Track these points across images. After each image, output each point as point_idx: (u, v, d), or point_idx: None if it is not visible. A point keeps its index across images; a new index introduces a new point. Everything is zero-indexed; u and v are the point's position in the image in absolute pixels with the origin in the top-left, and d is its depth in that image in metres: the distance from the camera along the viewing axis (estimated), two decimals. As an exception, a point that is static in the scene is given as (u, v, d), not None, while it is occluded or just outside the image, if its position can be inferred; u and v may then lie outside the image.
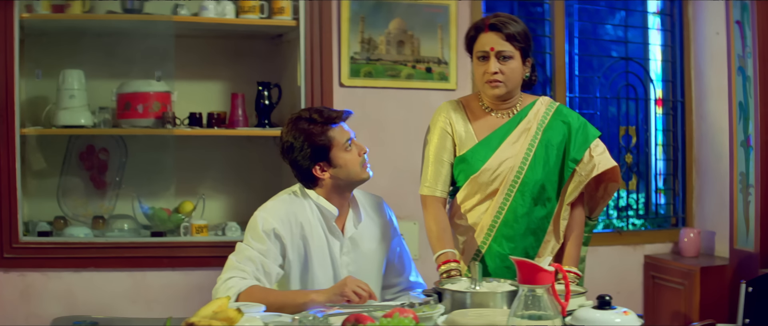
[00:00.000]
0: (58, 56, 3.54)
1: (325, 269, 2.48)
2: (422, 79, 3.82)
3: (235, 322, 1.86)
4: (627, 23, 4.43)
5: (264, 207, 2.47)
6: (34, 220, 3.50)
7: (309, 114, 2.47)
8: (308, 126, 2.44)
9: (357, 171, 2.48)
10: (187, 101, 3.63)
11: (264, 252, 2.38)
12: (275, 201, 2.50)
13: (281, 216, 2.43)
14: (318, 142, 2.43)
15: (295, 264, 2.44)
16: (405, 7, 3.77)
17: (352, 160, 2.47)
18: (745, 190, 3.80)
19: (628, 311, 1.88)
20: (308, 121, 2.45)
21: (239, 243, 2.44)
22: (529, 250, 2.55)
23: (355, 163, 2.47)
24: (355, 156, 2.47)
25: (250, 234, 2.41)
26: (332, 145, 2.44)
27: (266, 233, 2.39)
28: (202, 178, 3.78)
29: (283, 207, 2.46)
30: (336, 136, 2.45)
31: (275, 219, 2.41)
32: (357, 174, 2.48)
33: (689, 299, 3.93)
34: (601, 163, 2.54)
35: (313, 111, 2.48)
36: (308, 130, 2.44)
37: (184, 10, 3.48)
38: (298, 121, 2.46)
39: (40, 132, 3.45)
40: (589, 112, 4.29)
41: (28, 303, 3.38)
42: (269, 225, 2.40)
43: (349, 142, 2.46)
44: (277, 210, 2.44)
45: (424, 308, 2.05)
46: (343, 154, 2.46)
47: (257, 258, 2.37)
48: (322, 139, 2.44)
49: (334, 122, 2.46)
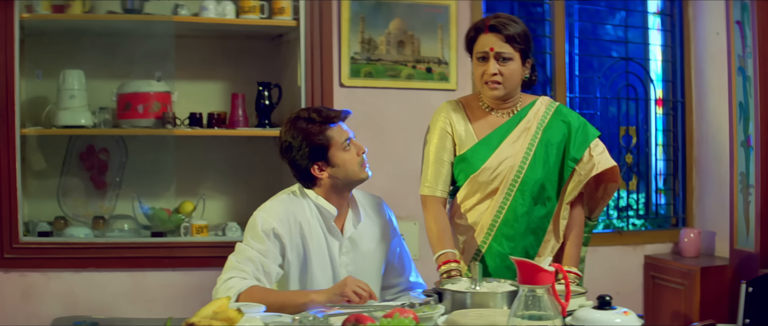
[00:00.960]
0: (59, 56, 3.54)
1: (324, 269, 2.48)
2: (422, 79, 3.82)
3: (235, 322, 1.86)
4: (627, 23, 4.43)
5: (263, 207, 2.47)
6: (35, 220, 3.50)
7: (307, 113, 2.47)
8: (306, 125, 2.44)
9: (355, 170, 2.48)
10: (188, 101, 3.63)
11: (263, 252, 2.39)
12: (274, 201, 2.50)
13: (280, 216, 2.43)
14: (316, 141, 2.43)
15: (294, 263, 2.44)
16: (405, 7, 3.77)
17: (350, 160, 2.47)
18: (745, 190, 3.79)
19: (629, 311, 1.88)
20: (306, 121, 2.45)
21: (239, 243, 2.44)
22: (529, 249, 2.56)
23: (354, 163, 2.47)
24: (353, 155, 2.47)
25: (250, 234, 2.42)
26: (330, 145, 2.44)
27: (265, 233, 2.39)
28: (202, 178, 3.78)
29: (281, 207, 2.46)
30: (334, 135, 2.45)
31: (274, 219, 2.41)
32: (355, 173, 2.48)
33: (689, 299, 3.93)
34: (600, 163, 2.54)
35: (311, 110, 2.48)
36: (306, 129, 2.44)
37: (184, 10, 3.48)
38: (296, 120, 2.47)
39: (40, 132, 3.45)
40: (589, 112, 4.29)
41: (29, 303, 3.39)
42: (268, 225, 2.40)
43: (347, 141, 2.46)
44: (276, 210, 2.44)
45: (425, 308, 2.05)
46: (342, 153, 2.46)
47: (257, 258, 2.37)
48: (321, 139, 2.44)
49: (332, 122, 2.46)
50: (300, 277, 2.47)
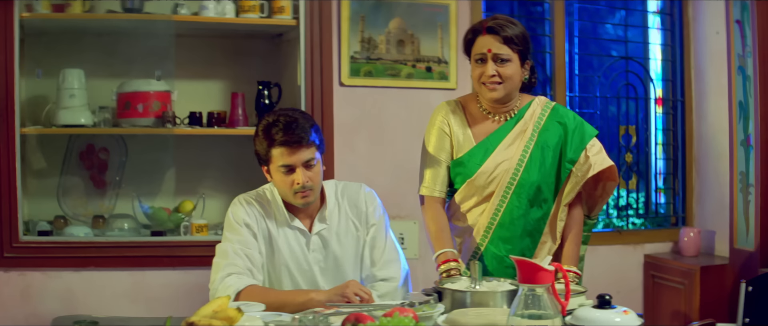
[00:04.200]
0: (58, 55, 3.54)
1: (296, 264, 2.49)
2: (422, 78, 3.82)
3: (235, 322, 1.86)
4: (627, 22, 4.43)
5: (233, 202, 2.52)
6: (34, 220, 3.50)
7: (274, 119, 2.40)
8: (261, 131, 2.41)
9: (287, 195, 2.44)
10: (187, 100, 3.63)
11: (243, 242, 2.43)
12: (243, 196, 2.54)
13: (246, 209, 2.48)
14: (258, 149, 2.43)
15: (263, 253, 2.47)
16: (405, 6, 3.77)
17: (281, 184, 2.42)
18: (745, 190, 3.79)
19: (628, 310, 1.88)
20: (264, 128, 2.40)
21: (219, 244, 2.46)
22: (525, 252, 2.55)
23: (285, 188, 2.41)
24: (286, 182, 2.40)
25: (227, 230, 2.47)
26: (269, 161, 2.42)
27: (238, 224, 2.44)
28: (202, 178, 3.78)
29: (246, 201, 2.50)
30: (275, 156, 2.39)
31: (241, 212, 2.47)
32: (287, 197, 2.45)
33: (689, 298, 3.93)
34: (596, 164, 2.54)
35: (277, 124, 2.38)
36: (259, 135, 2.42)
37: (184, 9, 3.48)
38: (265, 119, 2.43)
39: (40, 131, 3.45)
40: (589, 112, 4.29)
41: (29, 302, 3.39)
42: (239, 216, 2.46)
43: (284, 167, 2.38)
44: (242, 204, 2.49)
45: (424, 307, 2.05)
46: (276, 174, 2.42)
47: (241, 251, 2.41)
48: (261, 150, 2.42)
49: (275, 144, 2.37)
50: (269, 270, 2.48)
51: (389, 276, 2.53)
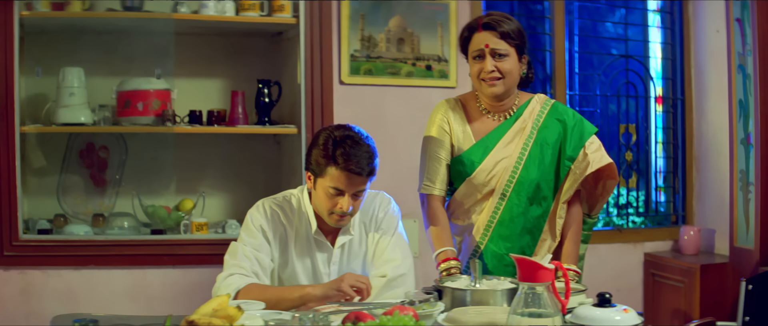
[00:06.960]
0: (58, 54, 3.54)
1: (309, 277, 2.49)
2: (422, 76, 3.82)
3: (235, 320, 1.86)
4: (627, 21, 4.43)
5: (256, 204, 2.51)
6: (34, 218, 3.50)
7: (341, 137, 2.34)
8: (322, 143, 2.35)
9: (323, 212, 2.42)
10: (187, 99, 3.63)
11: (257, 246, 2.43)
12: (268, 199, 2.53)
13: (267, 215, 2.47)
14: (314, 158, 2.37)
15: (275, 261, 2.47)
16: (405, 4, 3.77)
17: (323, 201, 2.38)
18: (745, 188, 3.79)
19: (628, 309, 1.88)
20: (332, 142, 2.34)
21: (233, 242, 2.47)
22: (525, 250, 2.55)
23: (325, 206, 2.38)
24: (328, 203, 2.37)
25: (243, 231, 2.47)
26: (321, 176, 2.37)
27: (256, 228, 2.45)
28: (202, 176, 3.78)
29: (269, 207, 2.49)
30: (331, 176, 2.34)
31: (261, 217, 2.46)
32: (322, 213, 2.43)
33: (689, 297, 3.93)
34: (595, 161, 2.53)
35: (343, 143, 2.33)
36: (321, 146, 2.35)
37: (184, 7, 3.48)
38: (330, 133, 2.37)
39: (40, 130, 3.45)
40: (589, 110, 4.29)
41: (28, 301, 3.38)
42: (257, 221, 2.46)
43: (334, 190, 2.35)
44: (265, 208, 2.49)
45: (425, 306, 2.05)
46: (322, 190, 2.37)
47: (251, 254, 2.41)
48: (317, 161, 2.36)
49: (336, 166, 2.33)
50: (280, 277, 2.48)
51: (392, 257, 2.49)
